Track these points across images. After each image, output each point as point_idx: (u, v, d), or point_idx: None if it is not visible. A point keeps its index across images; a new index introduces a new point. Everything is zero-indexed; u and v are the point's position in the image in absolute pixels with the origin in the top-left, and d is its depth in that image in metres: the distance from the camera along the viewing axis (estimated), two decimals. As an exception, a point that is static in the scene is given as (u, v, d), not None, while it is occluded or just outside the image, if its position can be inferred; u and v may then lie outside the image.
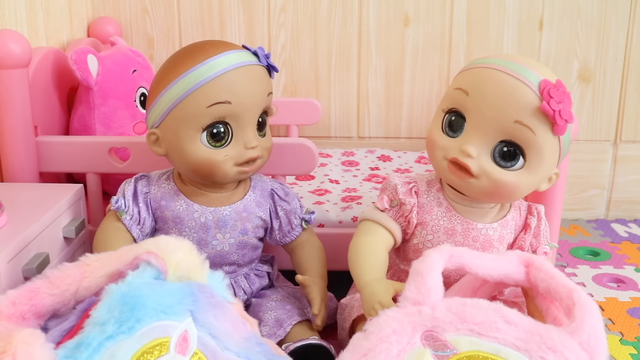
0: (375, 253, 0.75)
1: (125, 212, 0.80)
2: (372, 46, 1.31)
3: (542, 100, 0.68)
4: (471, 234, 0.76)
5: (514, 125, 0.69)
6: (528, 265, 0.64)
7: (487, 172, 0.71)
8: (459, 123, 0.72)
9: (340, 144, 1.36)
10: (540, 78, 0.69)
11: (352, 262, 0.75)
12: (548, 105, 0.67)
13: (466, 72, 0.74)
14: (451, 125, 0.73)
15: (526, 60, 0.71)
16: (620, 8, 1.27)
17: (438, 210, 0.77)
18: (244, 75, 0.76)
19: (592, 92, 1.32)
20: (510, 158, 0.71)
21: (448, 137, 0.73)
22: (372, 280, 0.70)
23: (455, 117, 0.73)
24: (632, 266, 1.13)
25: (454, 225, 0.76)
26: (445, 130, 0.74)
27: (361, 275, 0.73)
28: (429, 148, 0.76)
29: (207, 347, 0.57)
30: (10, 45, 0.85)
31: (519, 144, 0.70)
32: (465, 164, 0.71)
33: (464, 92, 0.71)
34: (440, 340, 0.56)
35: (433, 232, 0.77)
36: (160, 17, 1.30)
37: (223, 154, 0.77)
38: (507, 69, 0.70)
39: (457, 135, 0.73)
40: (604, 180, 1.36)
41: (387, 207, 0.78)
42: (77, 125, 1.02)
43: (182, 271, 0.59)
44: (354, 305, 0.79)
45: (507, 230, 0.78)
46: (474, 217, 0.77)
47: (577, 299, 0.57)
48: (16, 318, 0.58)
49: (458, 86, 0.73)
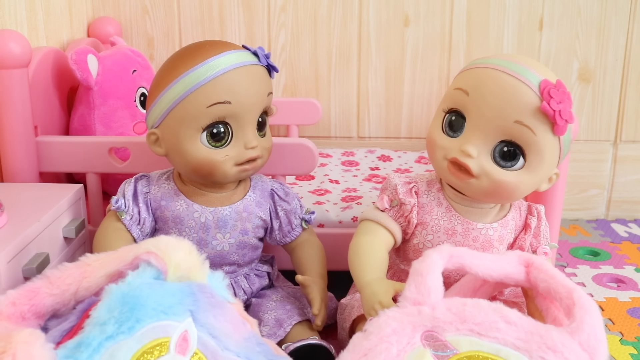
0: (376, 253, 0.75)
1: (125, 212, 0.80)
2: (372, 46, 1.31)
3: (543, 100, 0.68)
4: (471, 234, 0.76)
5: (514, 125, 0.69)
6: (528, 266, 0.64)
7: (487, 172, 0.71)
8: (459, 123, 0.72)
9: (340, 144, 1.36)
10: (541, 78, 0.69)
11: (352, 262, 0.75)
12: (548, 106, 0.67)
13: (466, 72, 0.74)
14: (451, 125, 0.73)
15: (526, 61, 0.71)
16: (620, 8, 1.27)
17: (438, 210, 0.77)
18: (244, 75, 0.76)
19: (592, 92, 1.32)
20: (511, 158, 0.71)
21: (448, 137, 0.73)
22: (372, 280, 0.70)
23: (456, 117, 0.73)
24: (632, 266, 1.13)
25: (454, 225, 0.76)
26: (445, 130, 0.74)
27: (361, 275, 0.73)
28: (429, 148, 0.76)
29: (207, 347, 0.57)
30: (10, 45, 0.85)
31: (519, 144, 0.70)
32: (465, 164, 0.71)
33: (464, 92, 0.71)
34: (440, 341, 0.56)
35: (433, 232, 0.77)
36: (160, 17, 1.30)
37: (223, 154, 0.77)
38: (507, 69, 0.70)
39: (457, 135, 0.73)
40: (604, 180, 1.36)
41: (387, 207, 0.78)
42: (77, 125, 1.02)
43: (182, 271, 0.59)
44: (354, 305, 0.79)
45: (507, 230, 0.78)
46: (474, 217, 0.77)
47: (577, 299, 0.57)
48: (16, 318, 0.58)
49: (458, 86, 0.73)
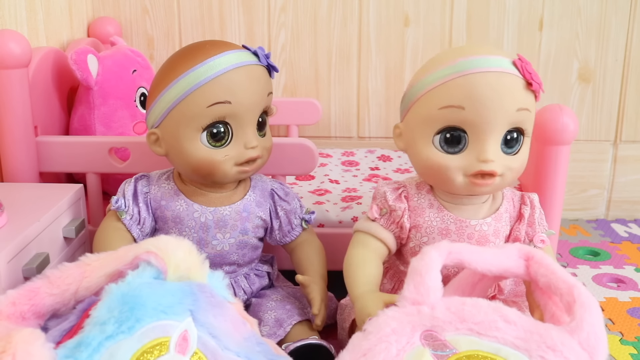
0: (367, 266, 0.75)
1: (125, 212, 0.80)
2: (372, 46, 1.31)
3: (525, 78, 0.70)
4: (466, 231, 0.76)
5: (516, 113, 0.71)
6: (528, 259, 0.64)
7: (506, 165, 0.72)
8: (458, 137, 0.71)
9: (340, 144, 1.36)
10: (510, 60, 0.71)
11: (345, 274, 0.76)
12: (533, 80, 0.70)
13: (442, 88, 0.71)
14: (449, 142, 0.72)
15: (486, 50, 0.72)
16: (620, 8, 1.27)
17: (430, 211, 0.77)
18: (244, 75, 0.76)
19: (592, 92, 1.32)
20: (515, 142, 0.72)
21: (452, 155, 0.72)
22: (363, 294, 0.71)
23: (452, 134, 0.71)
24: (632, 266, 1.13)
25: (447, 225, 0.76)
26: (442, 149, 0.72)
27: (353, 288, 0.73)
28: (436, 173, 0.73)
29: (207, 346, 0.57)
30: (10, 45, 0.86)
31: (520, 127, 0.72)
32: (492, 171, 0.71)
33: (459, 108, 0.70)
34: (440, 340, 0.56)
35: (427, 234, 0.77)
36: (160, 17, 1.30)
37: (223, 154, 0.77)
38: (487, 68, 0.70)
39: (460, 148, 0.72)
40: (604, 180, 1.36)
41: (376, 217, 0.78)
42: (77, 125, 1.02)
43: (182, 271, 0.59)
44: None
45: (501, 223, 0.78)
46: (467, 214, 0.77)
47: (578, 296, 0.57)
48: (16, 318, 0.58)
49: (446, 104, 0.70)
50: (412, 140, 0.75)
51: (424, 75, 0.73)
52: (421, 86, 0.73)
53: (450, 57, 0.72)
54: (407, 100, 0.75)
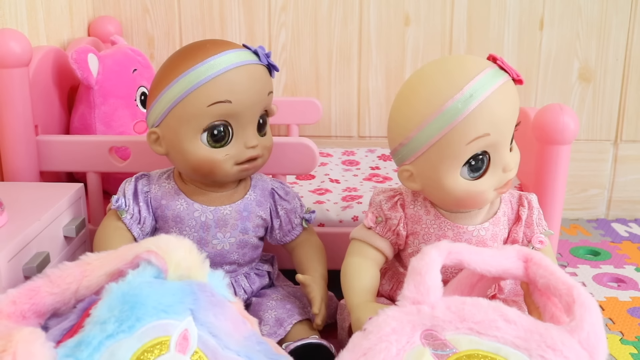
0: (362, 276, 0.75)
1: (125, 211, 0.80)
2: (373, 46, 1.31)
3: (510, 74, 0.71)
4: (463, 237, 0.76)
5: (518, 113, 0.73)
6: (527, 261, 0.64)
7: (518, 162, 0.74)
8: (481, 161, 0.71)
9: (340, 143, 1.36)
10: (493, 65, 0.70)
11: (342, 283, 0.76)
12: (516, 74, 0.71)
13: (465, 122, 0.68)
14: (475, 169, 0.71)
15: (475, 63, 0.70)
16: (620, 8, 1.27)
17: (427, 218, 0.77)
18: (245, 75, 0.76)
19: (592, 91, 1.32)
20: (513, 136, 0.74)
21: (478, 180, 0.71)
22: (359, 304, 0.71)
23: (477, 160, 0.70)
24: (632, 266, 1.13)
25: (444, 232, 0.76)
26: (467, 176, 0.71)
27: (350, 297, 0.74)
28: (467, 200, 0.72)
29: (207, 346, 0.57)
30: (11, 44, 0.86)
31: (519, 121, 0.73)
32: (511, 178, 0.73)
33: (486, 136, 0.69)
34: (440, 339, 0.56)
35: (425, 241, 0.77)
36: (161, 17, 1.30)
37: (223, 153, 0.77)
38: (491, 87, 0.68)
39: (482, 168, 0.71)
40: (604, 180, 1.36)
41: (372, 225, 0.78)
42: (77, 124, 1.02)
43: (182, 270, 0.59)
44: (354, 305, 0.79)
45: (499, 227, 0.78)
46: (464, 220, 0.76)
47: (577, 297, 0.57)
48: (16, 317, 0.58)
49: (475, 136, 0.68)
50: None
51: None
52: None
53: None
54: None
